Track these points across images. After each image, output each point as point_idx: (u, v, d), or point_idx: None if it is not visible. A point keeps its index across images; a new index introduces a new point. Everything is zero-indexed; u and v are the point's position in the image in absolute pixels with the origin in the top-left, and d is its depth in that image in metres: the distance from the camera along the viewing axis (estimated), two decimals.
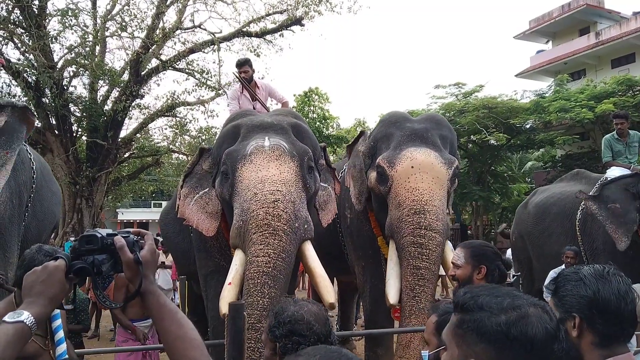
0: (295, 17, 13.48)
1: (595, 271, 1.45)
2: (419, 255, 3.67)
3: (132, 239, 1.21)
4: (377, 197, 4.25)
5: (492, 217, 25.42)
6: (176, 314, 1.21)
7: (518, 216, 7.35)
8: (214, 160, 3.76)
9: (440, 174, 3.91)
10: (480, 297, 1.03)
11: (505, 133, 19.38)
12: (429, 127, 4.25)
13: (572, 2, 25.43)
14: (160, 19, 13.00)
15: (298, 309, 1.51)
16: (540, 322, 0.97)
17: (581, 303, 1.41)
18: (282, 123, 3.62)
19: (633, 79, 18.07)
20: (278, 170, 3.21)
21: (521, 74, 27.54)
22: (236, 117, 3.87)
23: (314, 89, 24.20)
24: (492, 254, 2.41)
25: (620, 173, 5.72)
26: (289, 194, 3.13)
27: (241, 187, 3.23)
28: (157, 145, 15.36)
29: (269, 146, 3.31)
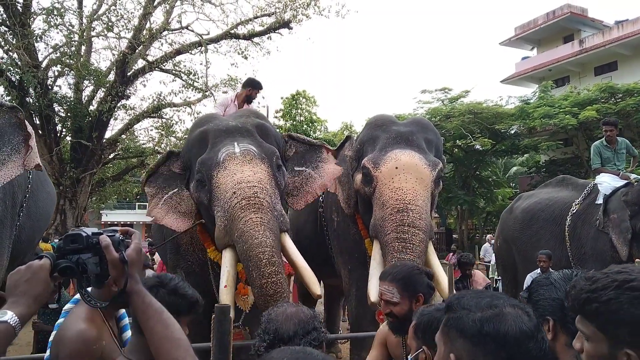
0: (284, 20, 13.49)
1: (564, 275, 1.51)
2: (403, 249, 3.70)
3: (117, 237, 1.21)
4: (363, 198, 4.28)
5: (477, 222, 25.63)
6: (162, 313, 1.20)
7: (503, 221, 7.36)
8: (185, 164, 3.86)
9: (423, 175, 3.96)
10: (464, 298, 1.09)
11: (491, 138, 19.59)
12: (414, 131, 4.31)
13: (557, 10, 25.80)
14: (147, 19, 12.91)
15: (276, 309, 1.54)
16: (516, 321, 1.01)
17: (553, 306, 1.47)
18: (247, 125, 3.77)
19: (615, 87, 18.39)
20: (252, 171, 3.38)
21: (506, 80, 27.86)
22: (202, 123, 3.93)
23: (302, 92, 24.24)
24: (421, 277, 2.25)
25: (609, 179, 5.81)
26: (265, 189, 3.32)
27: (219, 192, 3.37)
28: (143, 147, 15.23)
29: (239, 152, 3.47)
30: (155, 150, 14.63)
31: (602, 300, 1.12)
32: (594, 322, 1.13)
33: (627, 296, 1.10)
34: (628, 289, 1.11)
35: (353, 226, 4.67)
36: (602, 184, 5.78)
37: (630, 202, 5.26)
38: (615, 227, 5.27)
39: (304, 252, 6.07)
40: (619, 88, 18.23)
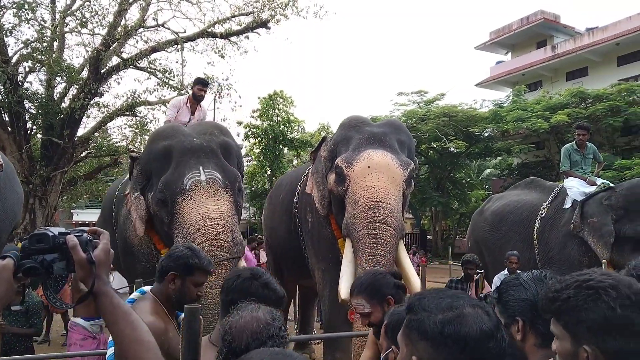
0: (261, 20, 13.43)
1: (534, 276, 1.54)
2: (374, 244, 3.77)
3: (85, 237, 1.17)
4: (336, 198, 4.31)
5: (451, 223, 25.95)
6: (130, 315, 1.18)
7: (474, 223, 7.49)
8: (144, 173, 3.92)
9: (395, 174, 4.02)
10: (424, 299, 1.09)
11: (465, 141, 19.87)
12: (387, 132, 4.37)
13: (531, 15, 26.32)
14: (122, 16, 12.71)
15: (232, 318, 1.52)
16: (476, 321, 1.01)
17: (523, 306, 1.49)
18: (211, 144, 3.86)
19: (586, 92, 18.84)
20: (216, 205, 3.50)
21: (481, 84, 28.29)
22: (166, 136, 3.94)
23: (279, 92, 24.17)
24: (386, 279, 2.28)
25: (578, 184, 5.94)
26: (227, 225, 3.44)
27: (183, 221, 3.47)
28: (116, 145, 14.97)
29: (205, 181, 3.57)
30: (129, 149, 14.40)
31: (563, 299, 1.18)
32: (560, 321, 1.18)
33: (584, 294, 1.15)
34: (585, 287, 1.16)
35: (327, 227, 4.69)
36: (572, 189, 5.90)
37: (616, 206, 5.36)
38: (595, 231, 5.36)
39: (278, 253, 6.10)
40: (589, 93, 18.69)
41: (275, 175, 23.38)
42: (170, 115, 5.35)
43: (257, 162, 24.60)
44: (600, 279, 1.18)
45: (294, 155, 26.96)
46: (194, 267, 2.13)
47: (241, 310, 1.55)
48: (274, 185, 6.95)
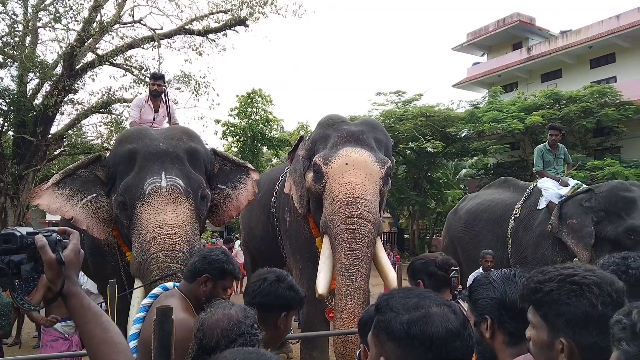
0: (240, 18, 13.33)
1: (503, 274, 1.56)
2: (352, 239, 3.77)
3: (54, 237, 1.15)
4: (314, 196, 4.32)
5: (428, 222, 26.19)
6: (101, 316, 1.16)
7: (449, 222, 7.58)
8: (109, 174, 3.84)
9: (373, 171, 4.05)
10: (392, 299, 1.10)
11: (442, 141, 20.08)
12: (364, 130, 4.41)
13: (507, 18, 26.71)
14: (97, 11, 12.47)
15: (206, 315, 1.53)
16: (442, 320, 1.02)
17: (491, 305, 1.51)
18: (177, 150, 3.77)
19: (560, 93, 19.21)
20: (174, 213, 3.43)
21: (458, 85, 28.60)
22: (132, 139, 3.88)
23: (257, 91, 24.06)
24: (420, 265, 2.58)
25: (552, 185, 6.05)
26: (185, 235, 3.37)
27: (140, 226, 3.41)
28: (91, 143, 14.71)
29: (165, 187, 3.50)
30: (104, 147, 14.17)
31: (546, 291, 1.21)
32: (540, 311, 1.21)
33: (567, 289, 1.18)
34: (569, 282, 1.19)
35: (305, 226, 4.69)
36: (547, 190, 6.00)
37: (596, 208, 5.46)
38: (575, 232, 5.45)
39: (256, 252, 6.08)
40: (563, 95, 19.06)
41: None
42: (134, 115, 5.28)
43: None
44: (585, 275, 1.21)
45: (272, 154, 26.88)
46: (227, 272, 2.24)
47: (214, 307, 1.54)
48: None
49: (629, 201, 5.34)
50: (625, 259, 1.51)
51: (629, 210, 5.28)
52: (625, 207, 5.30)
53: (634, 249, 4.87)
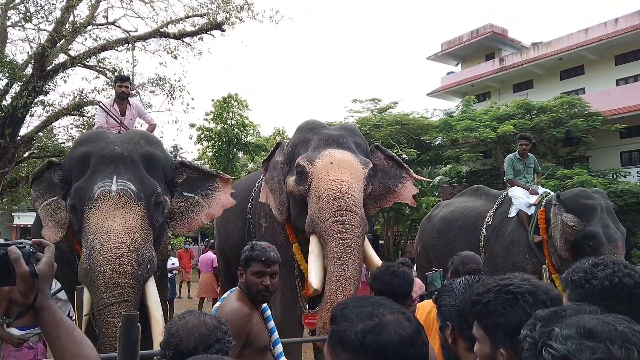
0: (216, 22, 13.27)
1: (465, 282, 1.59)
2: (343, 229, 3.75)
3: (28, 249, 1.12)
4: (296, 199, 4.29)
5: (402, 228, 26.37)
6: (73, 330, 1.15)
7: (422, 229, 7.66)
8: (64, 178, 3.79)
9: (357, 170, 4.08)
10: (346, 309, 1.09)
11: (416, 148, 20.28)
12: (344, 134, 4.45)
13: (480, 28, 27.22)
14: (70, 12, 12.24)
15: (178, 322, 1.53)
16: (396, 328, 1.02)
17: (452, 312, 1.54)
18: (133, 155, 3.67)
19: (531, 103, 19.65)
20: (123, 219, 3.34)
21: (432, 94, 28.97)
22: (87, 141, 3.82)
23: (233, 95, 23.90)
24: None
25: (520, 192, 6.19)
26: (133, 243, 3.28)
27: (88, 231, 3.33)
28: (62, 146, 14.38)
29: (115, 191, 3.40)
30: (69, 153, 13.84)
31: (484, 302, 1.22)
32: (481, 323, 1.22)
33: (502, 299, 1.20)
34: (504, 292, 1.21)
35: (281, 231, 4.67)
36: (517, 199, 6.14)
37: None
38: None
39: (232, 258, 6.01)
40: (534, 105, 19.50)
41: None
42: (101, 120, 5.21)
43: (210, 166, 24.20)
44: (519, 284, 1.23)
45: (248, 159, 26.72)
46: (249, 259, 2.47)
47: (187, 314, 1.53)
48: None
49: (589, 208, 5.50)
50: (596, 266, 1.53)
51: (588, 217, 5.44)
52: (585, 214, 5.47)
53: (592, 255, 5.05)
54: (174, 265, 10.44)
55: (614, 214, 5.64)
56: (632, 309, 1.38)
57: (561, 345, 0.80)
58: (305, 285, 4.48)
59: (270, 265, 2.47)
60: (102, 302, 3.09)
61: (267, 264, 2.45)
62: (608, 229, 5.33)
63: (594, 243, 5.26)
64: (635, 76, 21.34)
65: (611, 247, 5.19)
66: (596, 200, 5.60)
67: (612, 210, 5.66)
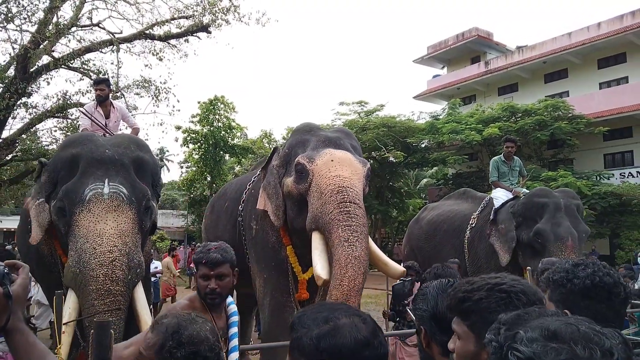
0: (202, 24, 13.21)
1: (439, 286, 1.60)
2: (348, 218, 3.72)
3: (2, 270, 1.10)
4: (295, 200, 4.25)
5: (390, 230, 26.47)
6: (47, 355, 1.13)
7: (410, 231, 7.70)
8: (51, 180, 3.72)
9: (357, 168, 4.10)
10: (304, 316, 1.10)
11: (403, 151, 20.39)
12: (341, 136, 4.48)
13: (466, 32, 27.47)
14: (53, 13, 12.10)
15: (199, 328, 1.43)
16: (351, 331, 1.03)
17: (424, 316, 1.54)
18: (123, 159, 3.64)
19: (516, 106, 19.88)
20: (115, 222, 3.31)
21: (418, 96, 29.16)
22: (76, 143, 3.76)
23: (220, 98, 23.80)
24: None
25: (502, 194, 6.26)
26: (124, 247, 3.26)
27: (78, 234, 3.27)
28: (45, 148, 14.19)
29: (107, 194, 3.37)
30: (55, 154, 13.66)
31: (474, 300, 1.22)
32: (467, 321, 1.22)
33: (495, 297, 1.20)
34: (498, 290, 1.21)
35: (273, 234, 4.63)
36: (498, 200, 6.24)
37: (516, 213, 5.74)
38: (501, 236, 5.72)
39: None
40: (519, 108, 19.73)
41: (215, 182, 22.94)
42: (85, 123, 5.16)
43: (197, 169, 24.06)
44: (512, 284, 1.24)
45: (235, 162, 26.64)
46: (195, 261, 2.43)
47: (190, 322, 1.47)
48: (217, 193, 6.80)
49: (542, 206, 5.58)
50: (576, 267, 1.54)
51: (541, 215, 5.51)
52: (539, 212, 5.55)
53: (542, 253, 5.14)
54: (157, 269, 10.36)
55: (576, 213, 5.61)
56: (611, 307, 1.45)
57: (526, 347, 0.80)
58: (299, 288, 4.45)
59: (214, 268, 2.38)
60: (94, 309, 3.04)
61: (209, 266, 2.38)
62: (558, 227, 5.32)
63: (542, 240, 5.33)
64: (618, 79, 21.67)
65: (559, 245, 5.20)
66: (552, 198, 5.64)
67: (573, 209, 5.62)
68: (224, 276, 2.42)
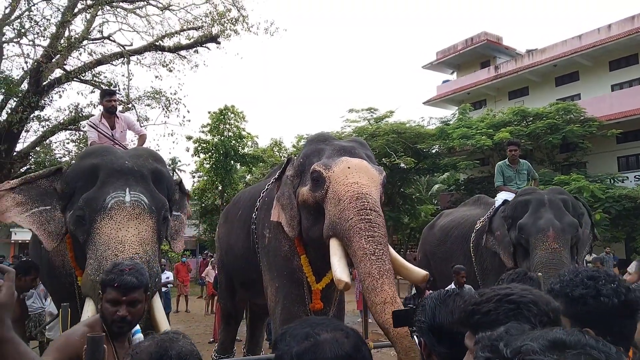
0: (211, 35, 13.31)
1: (437, 297, 1.57)
2: (370, 227, 3.66)
3: None
4: (310, 209, 4.22)
5: (401, 237, 26.34)
6: None
7: (424, 237, 7.69)
8: (68, 189, 3.72)
9: (374, 176, 4.07)
10: (286, 333, 1.10)
11: (413, 157, 20.31)
12: (355, 146, 4.47)
13: (475, 37, 27.40)
14: (65, 27, 12.28)
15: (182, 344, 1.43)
16: (332, 347, 1.02)
17: (423, 328, 1.53)
18: (143, 170, 3.69)
19: (527, 110, 19.73)
20: (137, 230, 3.31)
21: (428, 102, 29.08)
22: (95, 154, 3.80)
23: (230, 107, 23.92)
24: None
25: (504, 195, 6.23)
26: (145, 255, 3.26)
27: (99, 241, 3.27)
28: (59, 160, 14.34)
29: (129, 202, 3.39)
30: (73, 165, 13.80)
31: (484, 312, 1.19)
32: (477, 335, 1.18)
33: (504, 308, 1.17)
34: (506, 301, 1.18)
35: (285, 243, 4.61)
36: (498, 201, 6.21)
37: (507, 216, 5.70)
38: (500, 243, 5.67)
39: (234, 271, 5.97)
40: (530, 112, 19.59)
41: (226, 191, 23.01)
42: (93, 136, 5.19)
43: (208, 178, 24.17)
44: (522, 294, 1.20)
45: (246, 171, 26.71)
46: (103, 283, 2.11)
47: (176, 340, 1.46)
48: (231, 201, 6.80)
49: (526, 203, 5.55)
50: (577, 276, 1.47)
51: (523, 213, 5.50)
52: (523, 210, 5.51)
53: (528, 248, 5.08)
54: (168, 279, 10.40)
55: (562, 207, 5.49)
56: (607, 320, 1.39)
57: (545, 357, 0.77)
58: (313, 298, 4.43)
59: (127, 293, 2.09)
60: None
61: (122, 291, 2.09)
62: (539, 219, 5.28)
63: (525, 235, 5.30)
64: (630, 81, 21.46)
65: (540, 236, 5.15)
66: (534, 195, 5.62)
67: (558, 203, 5.51)
68: (137, 302, 2.16)
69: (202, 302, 14.96)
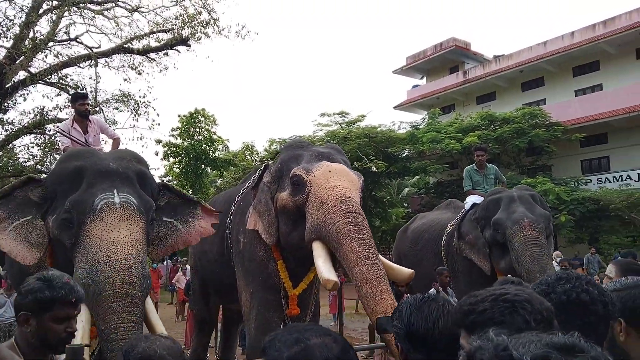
0: (181, 37, 13.17)
1: (413, 302, 1.58)
2: (359, 229, 3.67)
3: None
4: (290, 214, 4.19)
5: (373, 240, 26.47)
6: None
7: (398, 239, 7.84)
8: (47, 194, 3.60)
9: (354, 180, 4.10)
10: (275, 339, 1.12)
11: (384, 161, 20.49)
12: (332, 152, 4.49)
13: (444, 42, 27.86)
14: (30, 28, 11.96)
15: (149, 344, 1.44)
16: (321, 351, 1.05)
17: (400, 335, 1.54)
18: (128, 171, 3.62)
19: (494, 115, 20.17)
20: (129, 231, 3.25)
21: (399, 106, 29.40)
22: (78, 157, 3.69)
23: (200, 110, 23.69)
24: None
25: (473, 199, 6.35)
26: (138, 256, 3.21)
27: (90, 244, 3.18)
28: (22, 165, 13.93)
29: (119, 203, 3.33)
30: (37, 169, 13.45)
31: (479, 311, 1.20)
32: (473, 335, 1.19)
33: (500, 307, 1.19)
34: (502, 300, 1.20)
35: (261, 248, 4.57)
36: (467, 204, 6.34)
37: (478, 217, 5.79)
38: (473, 247, 5.73)
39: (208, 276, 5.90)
40: (497, 116, 20.03)
41: (196, 195, 22.75)
42: (67, 143, 5.05)
43: (178, 182, 23.85)
44: (516, 293, 1.22)
45: (217, 175, 26.47)
46: (48, 300, 1.83)
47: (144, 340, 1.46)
48: None
49: (496, 202, 5.67)
50: (558, 281, 1.51)
51: (494, 211, 5.59)
52: (495, 208, 5.62)
53: (506, 243, 5.21)
54: None
55: (531, 200, 5.65)
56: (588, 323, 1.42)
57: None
58: (290, 304, 4.41)
59: (78, 305, 1.94)
60: (111, 311, 2.97)
61: (74, 305, 1.91)
62: (513, 213, 5.40)
63: (501, 230, 5.38)
64: (593, 87, 22.14)
65: (516, 227, 5.26)
66: (504, 193, 5.77)
67: (527, 197, 5.68)
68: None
69: (172, 308, 14.72)
